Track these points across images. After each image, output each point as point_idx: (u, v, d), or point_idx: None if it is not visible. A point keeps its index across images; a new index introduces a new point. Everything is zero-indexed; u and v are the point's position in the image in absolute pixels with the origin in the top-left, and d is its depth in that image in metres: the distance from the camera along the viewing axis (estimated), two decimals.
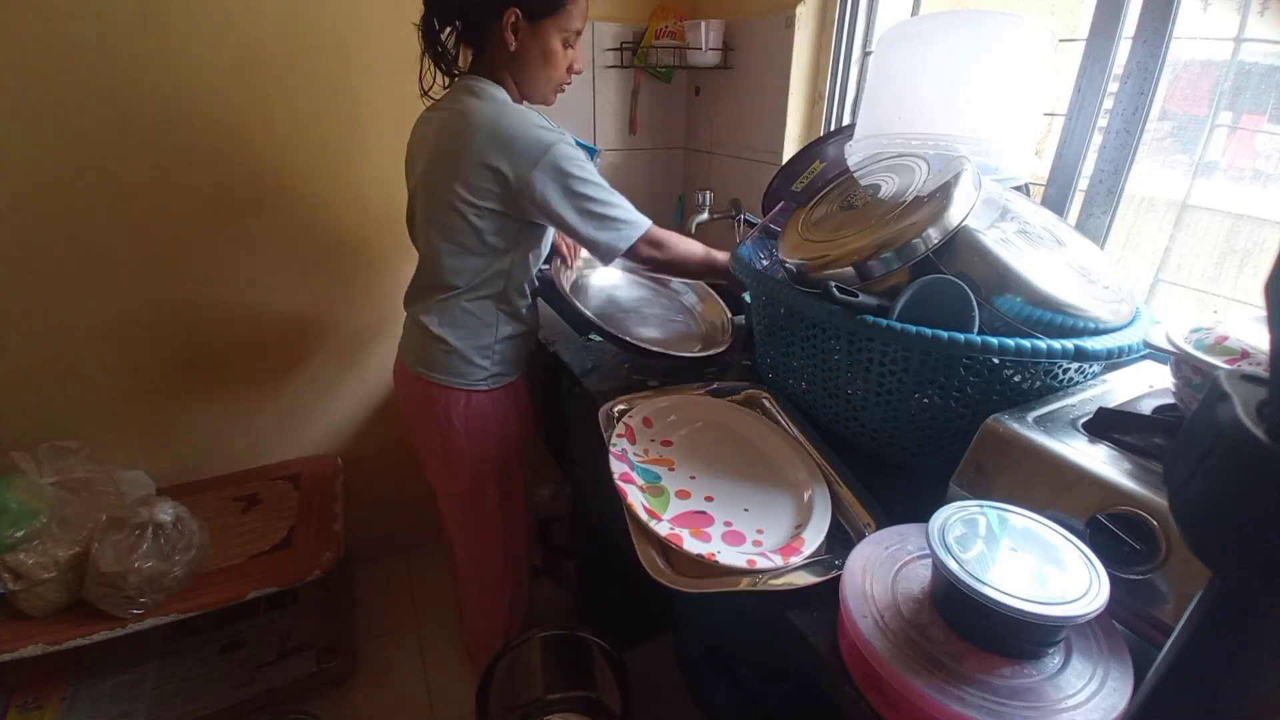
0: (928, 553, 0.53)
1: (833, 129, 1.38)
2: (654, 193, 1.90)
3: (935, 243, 0.72)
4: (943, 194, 0.74)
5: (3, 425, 1.34)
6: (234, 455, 1.63)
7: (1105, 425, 0.63)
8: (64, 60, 1.20)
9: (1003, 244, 0.74)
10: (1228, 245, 0.91)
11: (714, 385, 0.98)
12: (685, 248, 1.12)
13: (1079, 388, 0.74)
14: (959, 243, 0.74)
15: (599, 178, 1.02)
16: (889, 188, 0.84)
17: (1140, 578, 0.52)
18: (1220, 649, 0.29)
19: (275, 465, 1.66)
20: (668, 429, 0.88)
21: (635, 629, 1.60)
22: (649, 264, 1.10)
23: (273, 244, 1.48)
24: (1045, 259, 0.75)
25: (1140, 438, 0.60)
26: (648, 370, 1.11)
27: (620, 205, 1.04)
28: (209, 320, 1.48)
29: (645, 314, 1.29)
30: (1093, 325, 0.73)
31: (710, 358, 1.14)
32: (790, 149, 1.49)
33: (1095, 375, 0.78)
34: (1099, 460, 0.58)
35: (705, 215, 1.61)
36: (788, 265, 0.85)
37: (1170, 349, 0.63)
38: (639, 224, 1.05)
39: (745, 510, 0.75)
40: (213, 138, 1.35)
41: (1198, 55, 0.90)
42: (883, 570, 0.59)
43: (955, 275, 0.72)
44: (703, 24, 1.54)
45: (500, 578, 1.34)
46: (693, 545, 0.67)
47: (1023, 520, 0.55)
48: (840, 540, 0.72)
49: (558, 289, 1.20)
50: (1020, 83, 0.88)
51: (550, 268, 1.24)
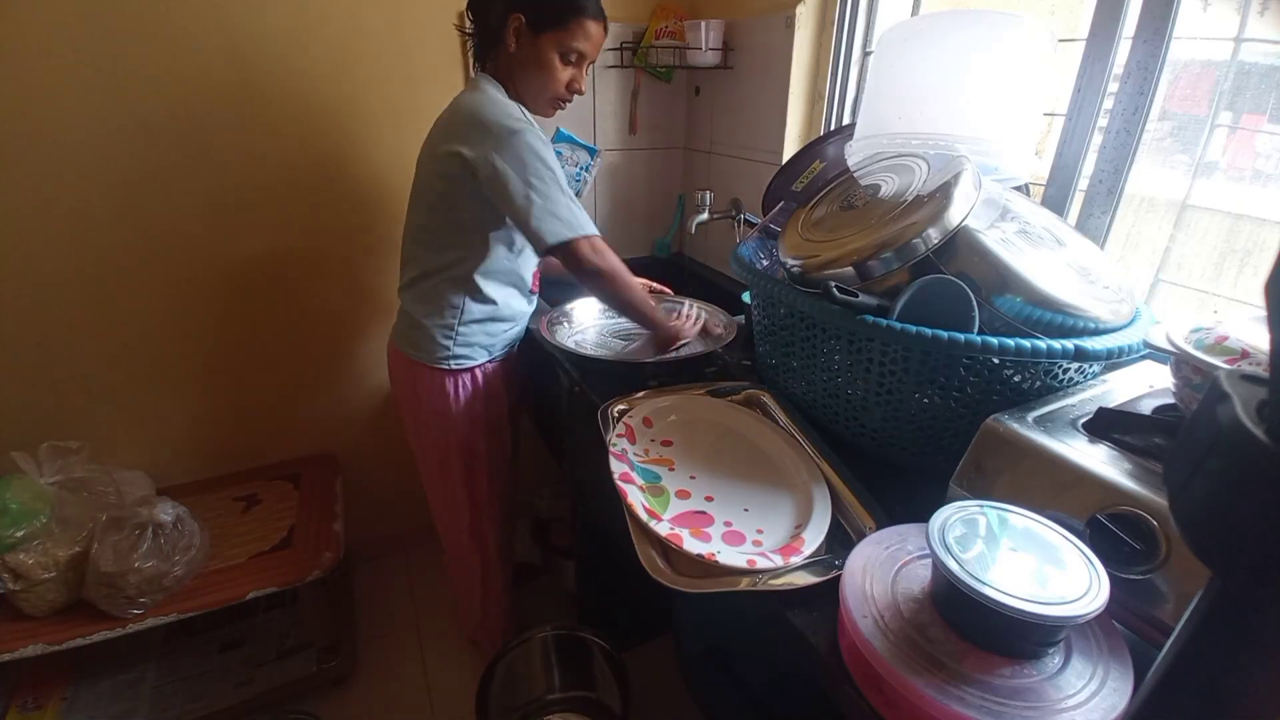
0: (928, 553, 0.53)
1: (832, 129, 1.38)
2: (654, 193, 1.90)
3: (935, 243, 0.72)
4: (943, 194, 0.74)
5: (3, 425, 1.35)
6: (234, 455, 1.63)
7: (1105, 425, 0.63)
8: (63, 61, 1.20)
9: (1003, 244, 0.74)
10: (1228, 245, 0.91)
11: (714, 385, 0.98)
12: (625, 269, 1.12)
13: (1079, 388, 0.74)
14: (959, 243, 0.74)
15: (559, 175, 1.05)
16: (889, 188, 0.84)
17: (1140, 578, 0.52)
18: (1220, 649, 0.29)
19: (275, 465, 1.66)
20: (668, 429, 0.88)
21: (635, 629, 1.60)
22: (583, 270, 1.07)
23: (272, 244, 1.48)
24: (1045, 259, 0.75)
25: (1140, 438, 0.60)
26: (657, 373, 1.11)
27: (570, 204, 1.05)
28: (209, 320, 1.48)
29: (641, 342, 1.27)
30: (1093, 325, 0.73)
31: (711, 357, 1.14)
32: (790, 149, 1.49)
33: (1095, 375, 0.78)
34: (1099, 460, 0.58)
35: (705, 215, 1.61)
36: (788, 265, 0.85)
37: (1170, 349, 0.63)
38: (584, 225, 1.06)
39: (745, 510, 0.75)
40: (213, 140, 1.35)
41: (1198, 55, 0.90)
42: (883, 570, 0.59)
43: (955, 275, 0.72)
44: (703, 24, 1.54)
45: (466, 553, 1.40)
46: (693, 545, 0.67)
47: (1023, 520, 0.55)
48: (840, 540, 0.72)
49: (547, 340, 1.20)
50: (1020, 83, 0.88)
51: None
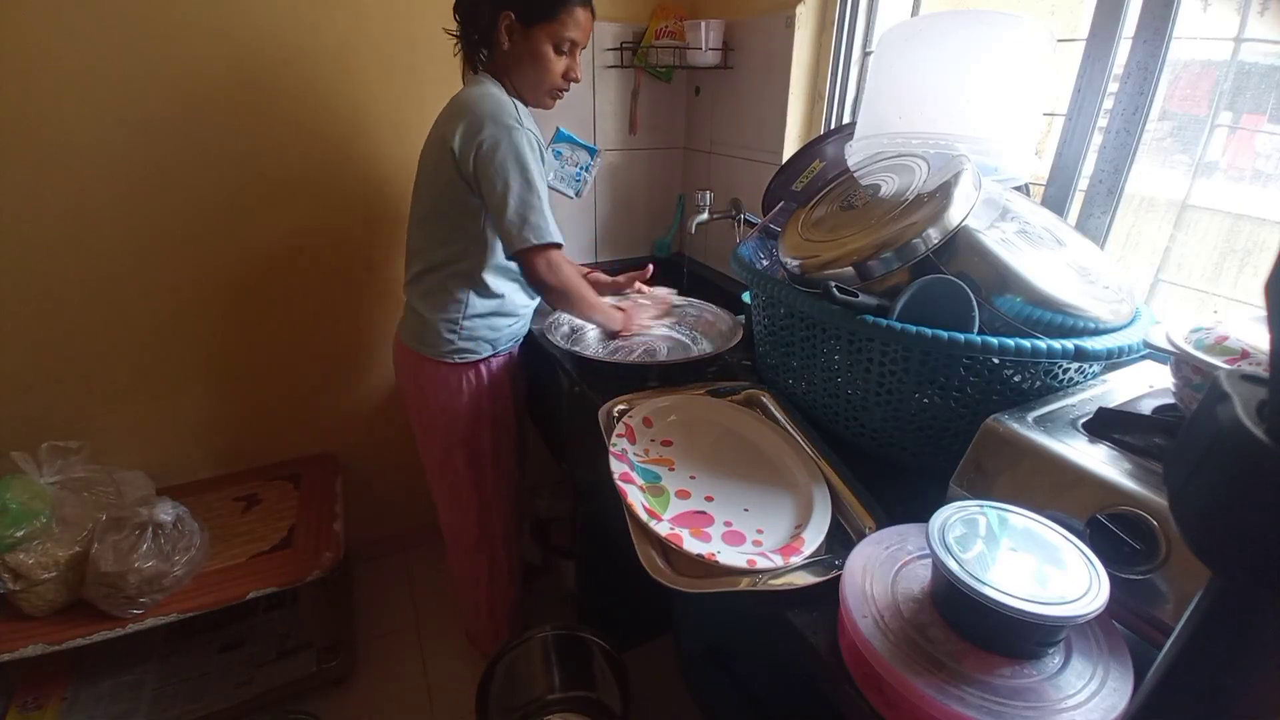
0: (928, 553, 0.53)
1: (832, 128, 1.38)
2: (654, 193, 1.90)
3: (935, 243, 0.72)
4: (943, 194, 0.74)
5: (3, 425, 1.34)
6: (234, 455, 1.63)
7: (1105, 425, 0.63)
8: (63, 62, 1.20)
9: (1003, 244, 0.74)
10: (1228, 245, 0.91)
11: (714, 385, 0.98)
12: (580, 284, 1.14)
13: (1079, 388, 0.74)
14: (959, 243, 0.74)
15: (541, 179, 1.06)
16: (889, 188, 0.84)
17: (1140, 578, 0.52)
18: (1220, 649, 0.29)
19: (275, 465, 1.66)
20: (668, 429, 0.88)
21: (635, 629, 1.60)
22: (537, 282, 1.10)
23: (273, 244, 1.48)
24: (1045, 259, 0.75)
25: (1140, 438, 0.60)
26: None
27: (545, 211, 1.06)
28: (209, 320, 1.48)
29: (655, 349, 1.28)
30: (1093, 325, 0.73)
31: (711, 358, 1.14)
32: (790, 149, 1.49)
33: (1095, 375, 0.78)
34: (1099, 460, 0.58)
35: (705, 215, 1.61)
36: (788, 265, 0.85)
37: (1170, 349, 0.63)
38: (553, 235, 1.07)
39: (745, 510, 0.75)
40: (213, 141, 1.35)
41: (1198, 55, 0.90)
42: (883, 570, 0.59)
43: (955, 275, 0.72)
44: (703, 24, 1.54)
45: (472, 548, 1.40)
46: (693, 545, 0.67)
47: (1023, 520, 0.55)
48: (840, 540, 0.72)
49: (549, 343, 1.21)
50: (1020, 83, 0.88)
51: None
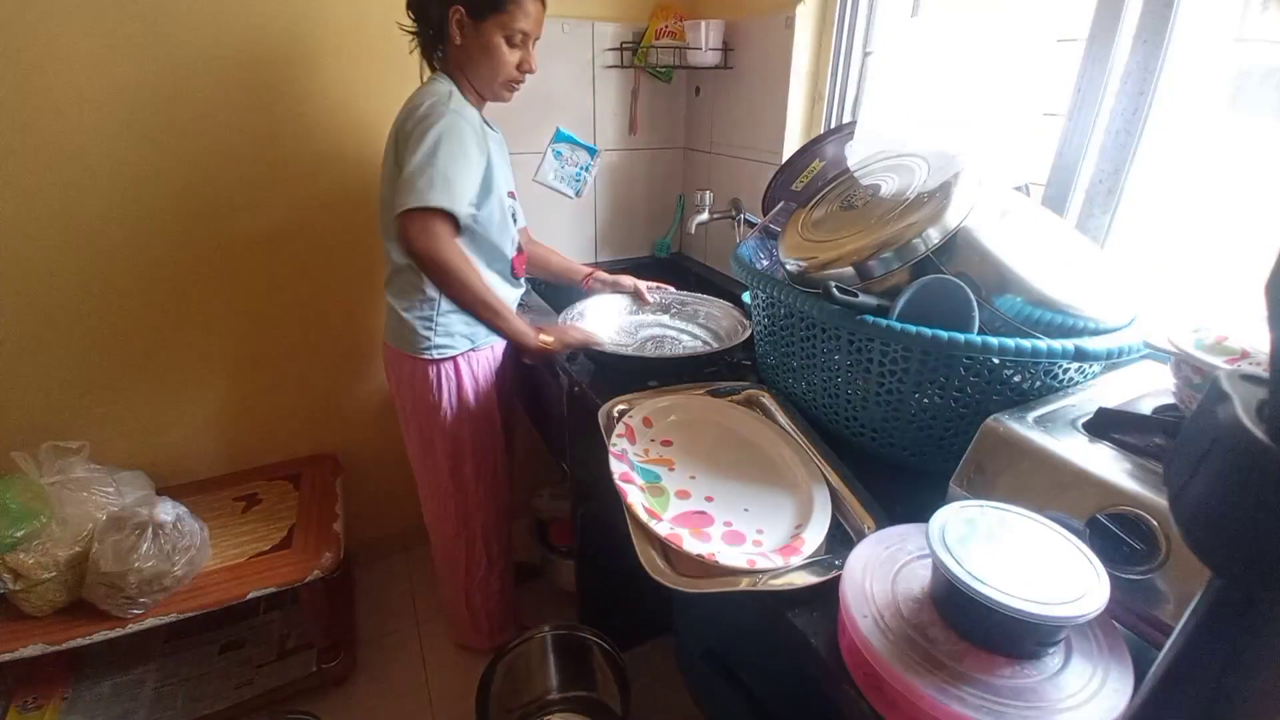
0: (928, 553, 0.53)
1: (832, 127, 1.38)
2: (654, 193, 1.90)
3: (935, 243, 0.72)
4: (943, 194, 0.74)
5: (3, 425, 1.34)
6: (234, 455, 1.63)
7: (1105, 425, 0.63)
8: (61, 62, 1.20)
9: (1003, 244, 0.74)
10: (1228, 245, 0.91)
11: (714, 385, 0.98)
12: (470, 270, 1.04)
13: (1079, 388, 0.74)
14: (959, 243, 0.74)
15: (452, 155, 0.99)
16: (889, 188, 0.84)
17: (1140, 578, 0.52)
18: (1220, 649, 0.29)
19: (275, 465, 1.66)
20: (668, 429, 0.88)
21: (635, 629, 1.59)
22: (408, 248, 1.00)
23: (271, 245, 1.48)
24: (1045, 259, 0.75)
25: (1140, 438, 0.60)
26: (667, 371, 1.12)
27: (440, 180, 0.97)
28: (209, 320, 1.48)
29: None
30: (1093, 325, 0.73)
31: (711, 358, 1.14)
32: (790, 149, 1.49)
33: (1095, 375, 0.78)
34: (1099, 460, 0.58)
35: (705, 215, 1.61)
36: (788, 265, 0.85)
37: (1170, 349, 0.63)
38: (433, 199, 0.96)
39: (745, 510, 0.75)
40: (212, 141, 1.35)
41: (1198, 55, 0.90)
42: (883, 570, 0.59)
43: (955, 275, 0.72)
44: (703, 24, 1.54)
45: (450, 538, 1.41)
46: (693, 545, 0.67)
47: (1023, 520, 0.55)
48: (840, 540, 0.72)
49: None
50: (1019, 82, 0.88)
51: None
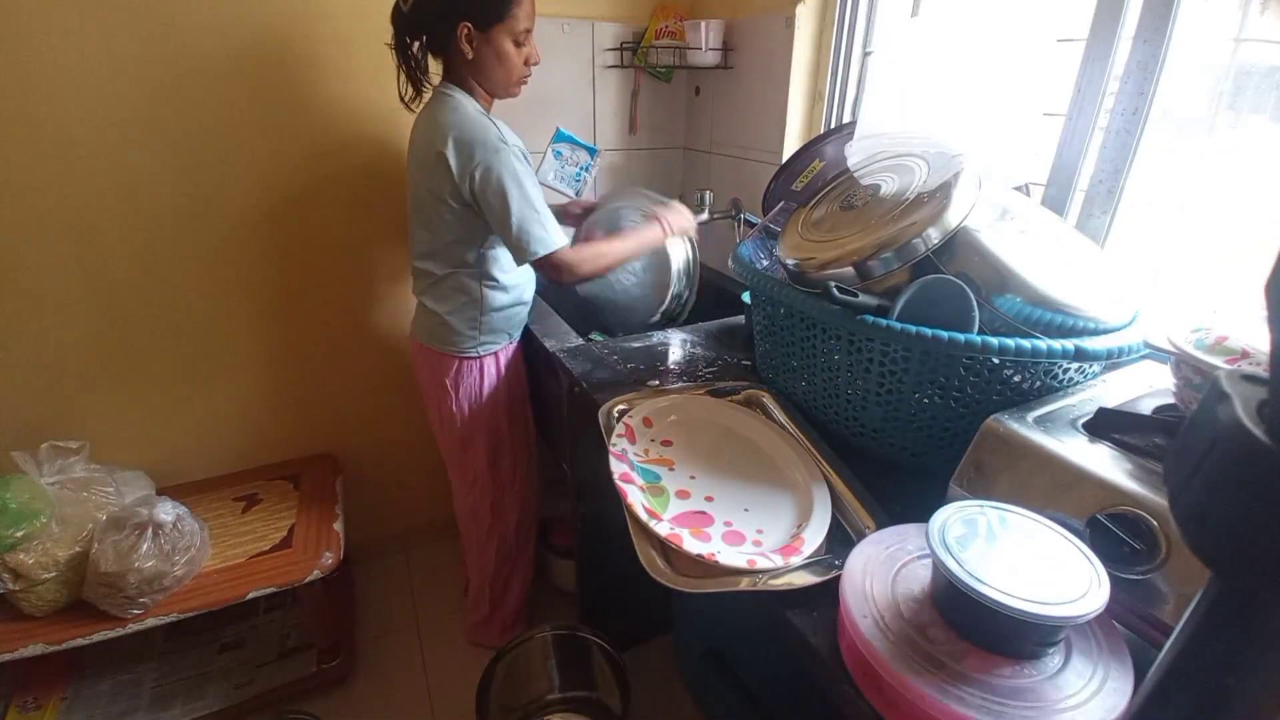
0: (928, 553, 0.53)
1: (832, 128, 1.38)
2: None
3: (935, 243, 0.72)
4: (943, 194, 0.74)
5: (3, 425, 1.34)
6: (234, 455, 1.63)
7: (1105, 425, 0.63)
8: (64, 61, 1.20)
9: (1003, 244, 0.74)
10: (1228, 245, 0.91)
11: (714, 385, 0.98)
12: (602, 250, 1.22)
13: (1079, 388, 0.74)
14: (959, 243, 0.74)
15: (534, 192, 1.14)
16: (889, 188, 0.84)
17: (1140, 578, 0.52)
18: (1220, 649, 0.29)
19: (275, 465, 1.66)
20: (668, 429, 0.88)
21: (635, 629, 1.59)
22: (561, 284, 1.21)
23: (270, 245, 1.48)
24: (1045, 259, 0.75)
25: (1140, 438, 0.60)
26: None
27: (543, 220, 1.14)
28: (209, 320, 1.48)
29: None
30: (1093, 325, 0.73)
31: (712, 358, 1.14)
32: (790, 149, 1.49)
33: (1095, 375, 0.78)
34: (1099, 460, 0.58)
35: (705, 215, 1.61)
36: (788, 265, 0.85)
37: (1170, 349, 0.64)
38: (553, 243, 1.15)
39: (745, 510, 0.75)
40: (213, 141, 1.35)
41: (1198, 55, 0.90)
42: (883, 570, 0.59)
43: (955, 275, 0.72)
44: (703, 24, 1.54)
45: (487, 532, 1.47)
46: (693, 545, 0.67)
47: (1023, 520, 0.55)
48: (840, 540, 0.72)
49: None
50: (1020, 82, 0.88)
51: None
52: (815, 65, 1.46)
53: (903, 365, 0.73)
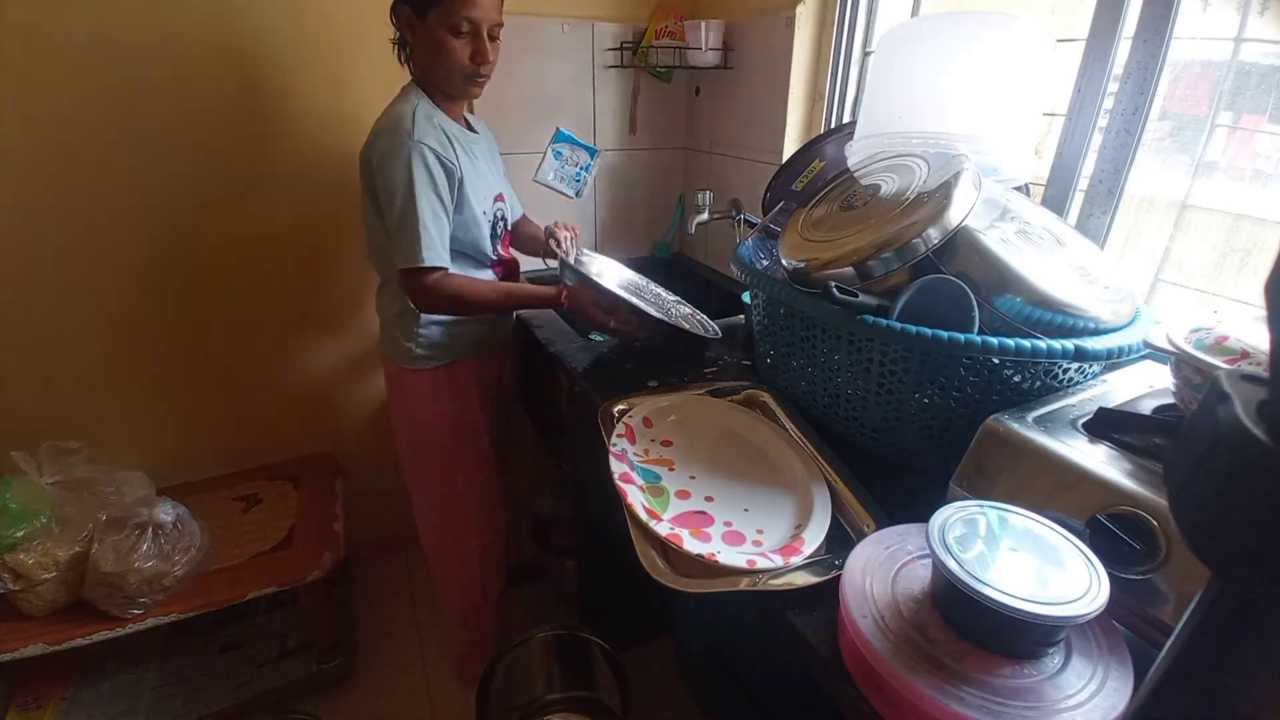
0: (928, 553, 0.53)
1: (832, 128, 1.38)
2: (654, 193, 1.90)
3: (935, 243, 0.72)
4: (943, 194, 0.74)
5: (3, 425, 1.34)
6: (234, 455, 1.63)
7: (1105, 425, 0.63)
8: (57, 67, 1.20)
9: (1003, 244, 0.74)
10: (1228, 245, 0.91)
11: (714, 385, 0.98)
12: (475, 287, 1.12)
13: (1079, 388, 0.74)
14: (959, 243, 0.74)
15: (428, 200, 1.04)
16: (889, 188, 0.84)
17: (1140, 578, 0.52)
18: (1220, 649, 0.29)
19: (275, 465, 1.66)
20: (668, 429, 0.88)
21: (635, 629, 1.60)
22: (416, 306, 1.12)
23: (270, 245, 1.48)
24: (1045, 259, 0.75)
25: (1140, 438, 0.60)
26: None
27: (421, 230, 1.03)
28: (209, 320, 1.48)
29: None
30: (1093, 325, 0.73)
31: (710, 358, 1.14)
32: (790, 149, 1.49)
33: (1095, 375, 0.78)
34: (1099, 460, 0.58)
35: (705, 215, 1.61)
36: (788, 265, 0.85)
37: (1170, 349, 0.63)
38: (423, 259, 1.03)
39: (745, 510, 0.75)
40: (212, 142, 1.35)
41: (1198, 55, 0.90)
42: (883, 570, 0.59)
43: (955, 275, 0.72)
44: (703, 24, 1.54)
45: (435, 545, 1.42)
46: (693, 545, 0.67)
47: (1023, 520, 0.55)
48: (840, 540, 0.72)
49: (568, 268, 1.18)
50: (1020, 83, 0.88)
51: (559, 251, 1.26)
52: (815, 65, 1.46)
53: (903, 365, 0.73)
